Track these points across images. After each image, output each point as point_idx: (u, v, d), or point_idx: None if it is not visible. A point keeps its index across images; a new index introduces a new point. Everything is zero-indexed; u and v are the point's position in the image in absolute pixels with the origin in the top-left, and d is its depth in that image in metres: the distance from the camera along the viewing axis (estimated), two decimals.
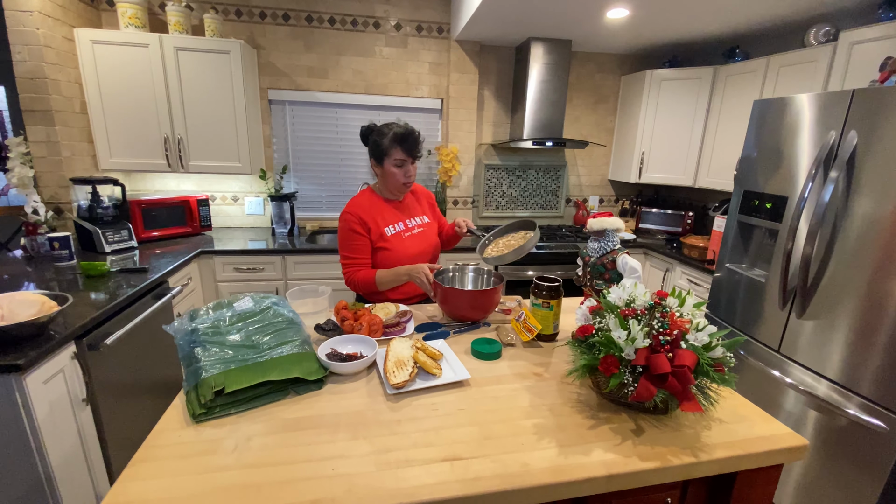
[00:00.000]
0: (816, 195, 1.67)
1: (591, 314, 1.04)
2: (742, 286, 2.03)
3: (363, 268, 1.57)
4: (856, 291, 1.55)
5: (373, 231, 1.56)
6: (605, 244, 1.17)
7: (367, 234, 1.55)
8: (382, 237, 1.57)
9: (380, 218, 1.58)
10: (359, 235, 1.55)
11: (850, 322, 1.55)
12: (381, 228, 1.57)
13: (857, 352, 1.53)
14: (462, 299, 1.36)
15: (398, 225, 1.62)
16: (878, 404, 1.48)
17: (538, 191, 3.34)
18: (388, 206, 1.62)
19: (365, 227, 1.55)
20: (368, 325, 1.30)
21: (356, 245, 1.56)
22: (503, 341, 1.30)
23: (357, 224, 1.54)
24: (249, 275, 2.49)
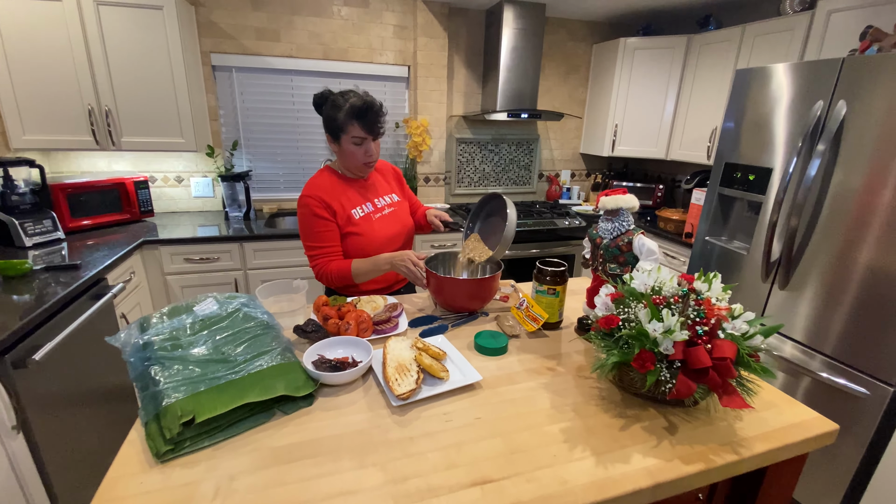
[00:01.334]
0: (802, 167, 1.66)
1: (614, 302, 0.95)
2: (722, 259, 2.04)
3: (335, 258, 1.39)
4: (839, 262, 1.56)
5: (339, 215, 1.38)
6: (620, 224, 1.07)
7: (333, 219, 1.37)
8: (350, 221, 1.39)
9: (344, 199, 1.40)
10: (325, 221, 1.36)
11: (835, 293, 1.58)
12: (348, 211, 1.39)
13: (841, 322, 1.56)
14: (459, 289, 1.23)
15: (366, 206, 1.44)
16: (861, 371, 1.52)
17: (511, 166, 3.22)
18: (352, 186, 1.44)
19: (330, 210, 1.36)
20: (357, 324, 1.15)
21: (323, 232, 1.37)
22: (507, 333, 1.19)
23: (321, 208, 1.35)
24: (203, 266, 2.23)
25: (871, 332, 1.49)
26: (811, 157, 1.62)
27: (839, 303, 1.57)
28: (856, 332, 1.53)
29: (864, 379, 1.51)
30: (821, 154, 1.59)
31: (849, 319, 1.54)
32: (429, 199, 3.03)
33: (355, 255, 1.41)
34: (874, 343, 1.48)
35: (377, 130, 1.34)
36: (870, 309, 1.49)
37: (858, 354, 1.52)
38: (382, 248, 1.42)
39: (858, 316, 1.52)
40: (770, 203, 1.79)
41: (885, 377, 1.46)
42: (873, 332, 1.48)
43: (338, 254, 1.40)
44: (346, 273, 1.36)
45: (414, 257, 1.30)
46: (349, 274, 1.36)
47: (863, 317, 1.51)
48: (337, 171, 1.44)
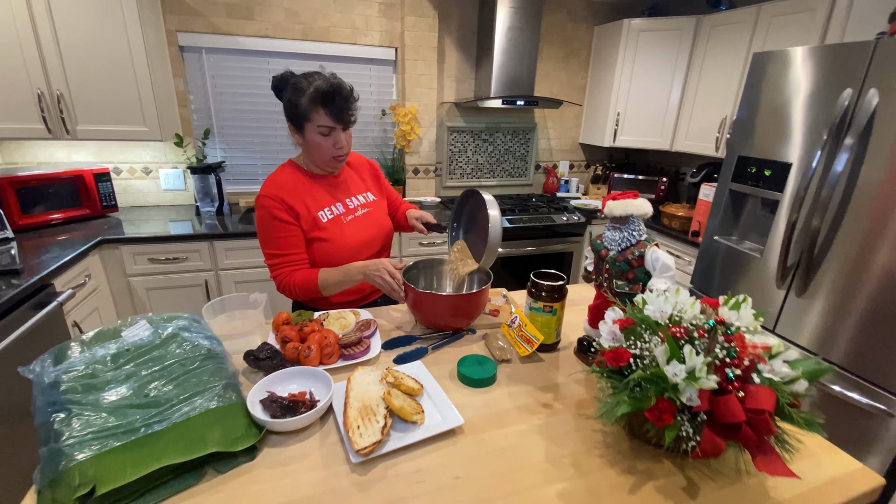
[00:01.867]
0: (825, 163, 1.50)
1: (623, 332, 0.79)
2: (732, 260, 1.88)
3: (300, 267, 1.22)
4: (866, 269, 1.41)
5: (303, 217, 1.20)
6: (630, 234, 0.90)
7: (296, 222, 1.19)
8: (316, 224, 1.22)
9: (310, 199, 1.22)
10: (286, 225, 1.18)
11: (860, 302, 1.42)
12: (314, 213, 1.22)
13: (867, 337, 1.41)
14: (441, 306, 1.07)
15: (335, 207, 1.26)
16: (893, 393, 1.38)
17: (506, 156, 3.04)
18: (319, 184, 1.26)
19: (292, 212, 1.19)
20: (320, 348, 0.98)
21: (285, 238, 1.19)
22: (495, 357, 1.03)
23: (281, 210, 1.17)
24: (170, 266, 2.05)
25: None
26: (837, 152, 1.45)
27: (864, 314, 1.41)
28: (884, 348, 1.38)
29: (888, 398, 1.37)
30: (849, 148, 1.42)
31: (875, 333, 1.39)
32: (418, 193, 2.85)
33: (323, 264, 1.23)
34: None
35: (347, 118, 1.15)
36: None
37: (890, 374, 1.37)
38: (355, 255, 1.25)
39: (889, 330, 1.37)
40: (789, 201, 1.63)
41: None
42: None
43: (302, 262, 1.22)
44: (311, 285, 1.19)
45: (390, 267, 1.13)
46: (315, 286, 1.19)
47: (894, 331, 1.35)
48: (302, 167, 1.26)
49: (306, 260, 1.22)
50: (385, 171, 2.71)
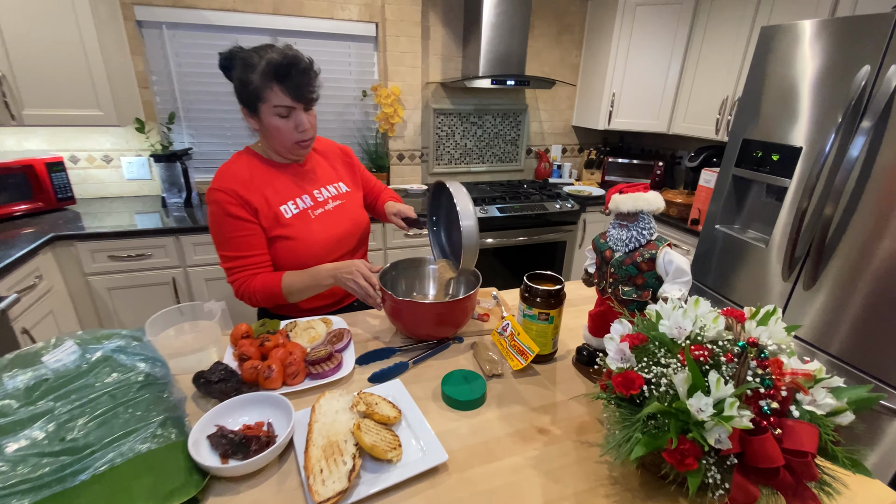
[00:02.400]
0: (840, 147, 1.38)
1: (633, 351, 0.67)
2: (734, 250, 1.78)
3: (260, 270, 1.07)
4: (881, 262, 1.31)
5: (262, 213, 1.05)
6: (639, 233, 0.78)
7: (255, 219, 1.04)
8: (278, 221, 1.07)
9: (270, 192, 1.06)
10: (243, 222, 1.03)
11: (875, 296, 1.33)
12: (275, 208, 1.06)
13: (881, 334, 1.32)
14: (424, 314, 0.94)
15: (301, 200, 1.11)
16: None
17: (496, 140, 2.89)
18: (281, 174, 1.10)
19: (248, 208, 1.03)
20: (283, 367, 0.85)
21: (242, 238, 1.04)
22: (485, 372, 0.91)
23: (236, 205, 1.02)
24: (133, 264, 1.89)
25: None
26: (853, 135, 1.34)
27: (878, 310, 1.32)
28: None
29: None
30: (866, 132, 1.30)
31: (891, 331, 1.30)
32: (404, 180, 2.70)
33: (288, 266, 1.09)
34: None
35: (307, 95, 1.00)
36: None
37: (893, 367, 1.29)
38: (326, 255, 1.11)
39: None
40: (798, 188, 1.52)
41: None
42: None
43: (263, 265, 1.07)
44: (274, 291, 1.05)
45: (365, 269, 1.00)
46: (279, 292, 1.05)
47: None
48: (261, 155, 1.10)
49: (268, 262, 1.08)
50: (367, 157, 2.55)
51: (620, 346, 0.69)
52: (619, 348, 0.69)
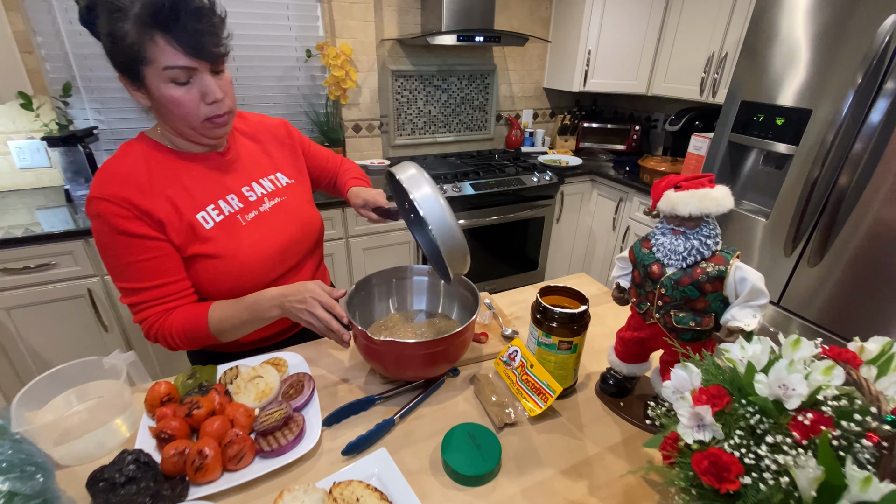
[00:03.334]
0: (856, 109, 1.24)
1: (717, 417, 0.48)
2: (730, 225, 1.66)
3: (177, 302, 0.78)
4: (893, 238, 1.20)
5: (171, 225, 0.76)
6: (702, 244, 0.58)
7: (160, 234, 0.75)
8: (196, 234, 0.78)
9: (180, 194, 0.77)
10: (143, 241, 0.74)
11: (887, 276, 1.23)
12: (189, 216, 0.77)
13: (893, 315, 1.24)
14: (412, 355, 0.71)
15: (226, 202, 0.82)
16: None
17: (462, 106, 2.60)
18: (193, 168, 0.80)
19: (150, 220, 0.74)
20: (220, 448, 0.61)
21: (144, 263, 0.75)
22: (495, 423, 0.71)
23: (130, 218, 0.72)
24: (32, 277, 1.52)
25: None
26: (875, 97, 1.20)
27: (892, 289, 1.23)
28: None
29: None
30: (891, 94, 1.16)
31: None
32: (362, 154, 2.38)
33: (215, 294, 0.81)
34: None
35: (210, 49, 0.69)
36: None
37: None
38: (265, 273, 0.84)
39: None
40: (808, 155, 1.38)
41: None
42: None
43: (180, 294, 0.78)
44: (198, 331, 0.77)
45: (323, 296, 0.74)
46: (205, 331, 0.77)
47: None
48: (159, 143, 0.79)
49: (186, 290, 0.79)
50: (318, 130, 2.21)
51: (697, 411, 0.50)
52: (694, 412, 0.50)
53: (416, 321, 0.89)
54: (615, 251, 2.37)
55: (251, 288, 0.81)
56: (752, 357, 0.49)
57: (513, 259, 2.39)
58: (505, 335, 0.90)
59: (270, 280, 0.85)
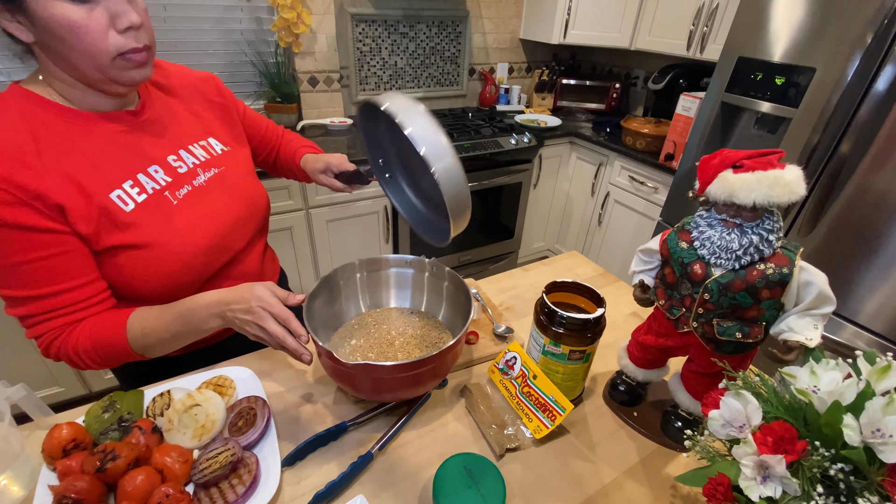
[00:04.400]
0: (864, 70, 1.14)
1: (792, 470, 0.38)
2: None
3: (84, 311, 0.60)
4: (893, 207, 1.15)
5: (74, 210, 0.56)
6: (763, 240, 0.46)
7: (57, 223, 0.56)
8: (112, 219, 0.59)
9: (83, 167, 0.58)
10: (34, 235, 0.55)
11: (886, 248, 1.19)
12: (101, 196, 0.59)
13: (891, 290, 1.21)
14: (391, 378, 0.57)
15: (147, 176, 0.64)
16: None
17: (432, 58, 2.35)
18: (98, 130, 0.61)
19: (42, 204, 0.54)
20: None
21: (34, 264, 0.56)
22: (494, 450, 0.59)
23: (10, 204, 0.52)
24: None
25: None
26: (885, 59, 1.10)
27: (891, 259, 1.19)
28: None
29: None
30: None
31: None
32: (321, 112, 2.12)
33: (143, 295, 0.64)
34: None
35: None
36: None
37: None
38: (206, 264, 0.67)
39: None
40: (808, 119, 1.29)
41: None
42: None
43: (89, 303, 0.60)
44: (114, 348, 0.60)
45: (275, 303, 0.57)
46: (123, 348, 0.61)
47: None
48: (44, 98, 0.58)
49: (98, 293, 0.61)
50: (268, 83, 1.93)
51: (765, 461, 0.39)
52: (760, 462, 0.39)
53: (395, 324, 0.75)
54: (593, 218, 2.29)
55: (190, 283, 0.66)
56: (833, 391, 0.39)
57: (488, 227, 2.26)
58: (497, 333, 0.77)
59: (214, 270, 0.69)
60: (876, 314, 1.24)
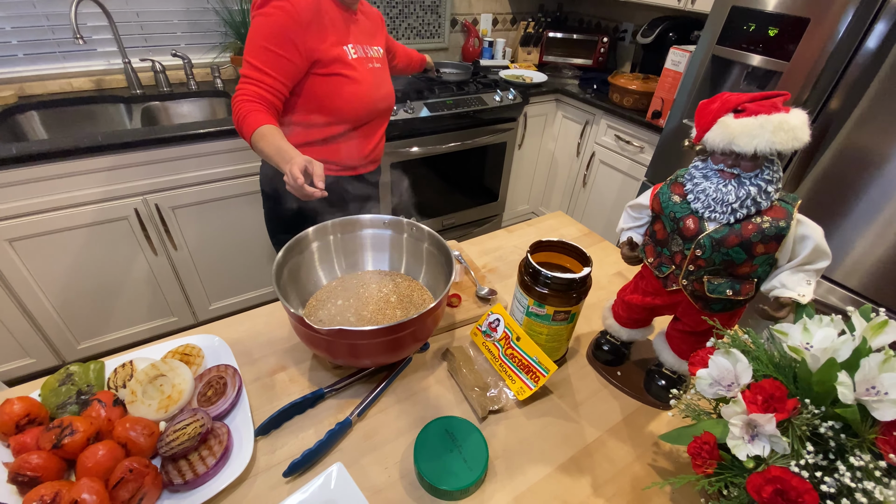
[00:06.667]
0: (855, 25, 1.10)
1: (783, 429, 0.37)
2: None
3: (270, 96, 0.89)
4: (882, 172, 1.15)
5: (323, 46, 0.91)
6: (761, 190, 0.43)
7: (303, 50, 0.88)
8: (341, 59, 0.94)
9: (331, 26, 0.93)
10: (290, 44, 0.87)
11: (869, 210, 1.19)
12: (338, 47, 0.94)
13: (874, 250, 1.22)
14: (368, 344, 0.54)
15: (360, 48, 1.00)
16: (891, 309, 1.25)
17: (412, 7, 2.20)
18: (339, 14, 0.95)
19: (308, 35, 0.88)
20: (104, 486, 0.44)
21: (278, 55, 0.87)
22: (477, 412, 0.58)
23: (294, 27, 0.86)
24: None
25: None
26: (877, 14, 1.06)
27: (877, 224, 1.19)
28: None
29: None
30: (893, 13, 1.03)
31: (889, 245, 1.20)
32: None
33: (337, 108, 0.96)
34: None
35: None
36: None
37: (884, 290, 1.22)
38: (371, 111, 1.02)
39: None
40: (799, 73, 1.25)
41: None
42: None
43: (275, 92, 0.89)
44: (246, 130, 0.86)
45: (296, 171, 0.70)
46: (248, 134, 0.86)
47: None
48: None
49: (284, 92, 0.91)
50: (234, 33, 1.79)
51: (754, 420, 0.38)
52: (749, 421, 0.38)
53: (372, 287, 0.71)
54: (577, 179, 2.25)
55: (364, 114, 1.00)
56: (828, 347, 0.37)
57: (471, 190, 2.20)
58: (480, 296, 0.75)
59: (375, 113, 1.04)
60: (851, 270, 1.26)
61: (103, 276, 1.44)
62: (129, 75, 1.60)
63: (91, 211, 1.32)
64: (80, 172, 1.27)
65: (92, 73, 1.61)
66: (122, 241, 1.42)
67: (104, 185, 1.31)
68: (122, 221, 1.38)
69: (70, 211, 1.30)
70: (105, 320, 1.53)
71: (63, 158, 1.23)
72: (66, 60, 1.58)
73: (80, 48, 1.57)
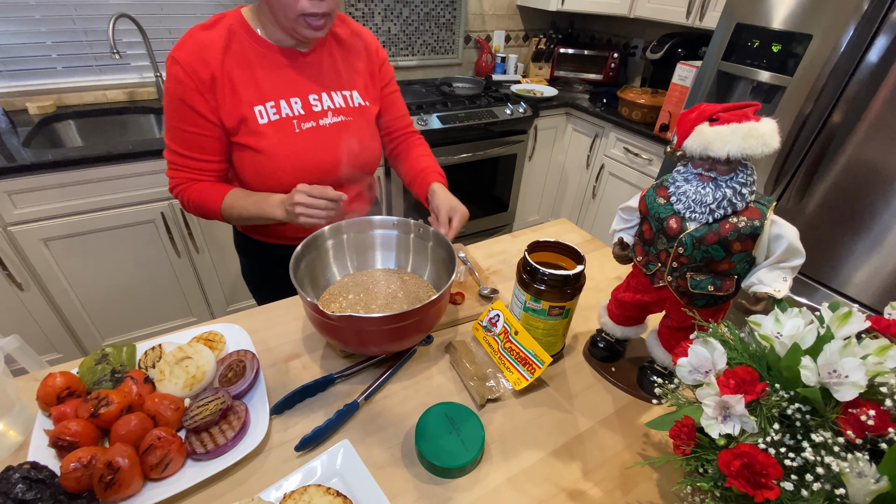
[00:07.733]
0: (858, 41, 1.13)
1: (752, 408, 0.40)
2: None
3: (205, 177, 0.80)
4: (888, 183, 1.16)
5: (226, 109, 0.75)
6: (736, 193, 0.47)
7: (214, 119, 0.75)
8: (246, 125, 0.76)
9: (246, 82, 0.75)
10: (196, 117, 0.74)
11: (870, 219, 1.21)
12: (245, 107, 0.76)
13: (875, 261, 1.22)
14: (376, 331, 0.59)
15: (287, 104, 0.79)
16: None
17: (427, 24, 2.29)
18: (271, 60, 0.78)
19: (208, 98, 0.73)
20: (135, 452, 0.49)
21: (192, 135, 0.76)
22: (476, 400, 0.62)
23: (194, 91, 0.72)
24: None
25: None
26: (878, 29, 1.09)
27: (878, 235, 1.20)
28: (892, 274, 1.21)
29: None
30: (894, 27, 1.06)
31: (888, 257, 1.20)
32: None
33: (250, 185, 0.81)
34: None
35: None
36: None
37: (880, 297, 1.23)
38: (298, 180, 0.75)
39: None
40: (802, 88, 1.28)
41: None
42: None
43: (210, 172, 0.80)
44: (210, 208, 0.79)
45: (305, 198, 0.68)
46: (216, 211, 0.79)
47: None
48: (249, 25, 0.76)
49: (219, 170, 0.81)
50: None
51: (726, 401, 0.41)
52: (721, 403, 0.42)
53: (381, 283, 0.76)
54: (587, 191, 2.29)
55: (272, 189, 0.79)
56: (795, 335, 0.41)
57: (482, 200, 2.26)
58: (483, 294, 0.79)
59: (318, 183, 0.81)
60: (863, 285, 1.26)
61: (129, 277, 1.52)
62: (159, 88, 1.71)
63: (121, 214, 1.41)
64: (111, 178, 1.36)
65: (125, 86, 1.72)
66: (149, 244, 1.50)
67: (134, 190, 1.40)
68: (148, 224, 1.46)
69: (101, 214, 1.39)
70: (128, 318, 1.61)
71: (96, 164, 1.32)
72: (102, 73, 1.69)
73: (115, 62, 1.68)
